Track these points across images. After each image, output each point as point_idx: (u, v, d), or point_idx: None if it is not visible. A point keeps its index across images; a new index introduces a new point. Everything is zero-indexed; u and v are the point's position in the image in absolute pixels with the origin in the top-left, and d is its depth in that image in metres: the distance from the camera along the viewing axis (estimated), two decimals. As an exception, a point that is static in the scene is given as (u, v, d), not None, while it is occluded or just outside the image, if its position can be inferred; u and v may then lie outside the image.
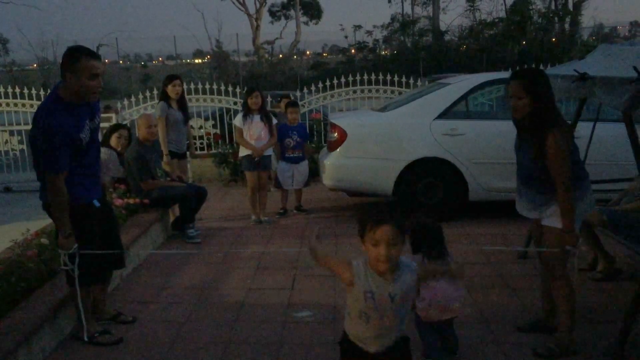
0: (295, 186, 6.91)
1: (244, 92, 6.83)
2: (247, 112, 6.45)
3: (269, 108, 8.03)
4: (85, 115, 3.39)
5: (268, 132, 6.49)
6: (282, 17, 33.66)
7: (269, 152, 6.57)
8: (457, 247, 5.41)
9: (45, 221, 4.78)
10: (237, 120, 6.58)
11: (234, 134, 7.37)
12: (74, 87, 3.25)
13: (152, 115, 6.11)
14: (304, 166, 6.93)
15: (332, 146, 6.46)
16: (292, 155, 6.81)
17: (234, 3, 30.81)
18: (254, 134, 6.42)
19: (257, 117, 6.43)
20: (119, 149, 6.08)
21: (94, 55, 3.29)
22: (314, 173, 7.71)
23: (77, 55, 3.23)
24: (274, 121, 6.63)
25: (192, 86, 9.34)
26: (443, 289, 3.14)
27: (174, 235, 6.13)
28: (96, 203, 3.60)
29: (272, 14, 33.47)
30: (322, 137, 9.37)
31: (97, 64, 3.28)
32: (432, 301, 3.15)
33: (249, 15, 30.49)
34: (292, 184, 6.87)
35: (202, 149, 9.49)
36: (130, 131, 6.37)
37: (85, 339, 3.61)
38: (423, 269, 2.55)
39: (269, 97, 9.40)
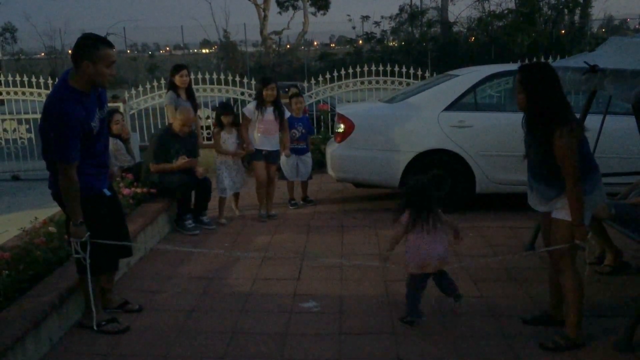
0: (300, 178, 6.86)
1: (259, 81, 6.55)
2: (260, 103, 6.17)
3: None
4: (95, 104, 3.41)
5: (278, 127, 6.30)
6: (290, 8, 33.44)
7: (277, 146, 6.38)
8: (464, 239, 5.40)
9: (53, 209, 4.80)
10: (247, 110, 6.25)
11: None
12: (91, 75, 3.28)
13: (190, 113, 5.96)
14: (308, 158, 6.90)
15: (340, 137, 6.45)
16: (297, 146, 6.75)
17: (241, -7, 30.68)
18: (261, 126, 6.19)
19: (269, 110, 6.16)
20: (123, 135, 6.10)
21: (110, 44, 3.37)
22: (321, 164, 7.70)
23: (96, 44, 3.28)
24: (287, 114, 6.45)
25: (200, 76, 9.33)
26: (423, 245, 3.50)
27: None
28: (107, 192, 3.62)
29: (280, 4, 33.25)
30: (330, 128, 9.35)
31: (114, 53, 3.38)
32: (414, 256, 3.53)
33: (256, 5, 30.34)
34: (296, 176, 6.84)
35: (208, 139, 9.48)
36: (122, 113, 6.43)
37: (95, 327, 3.64)
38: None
39: None
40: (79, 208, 3.37)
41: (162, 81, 9.28)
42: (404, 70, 9.55)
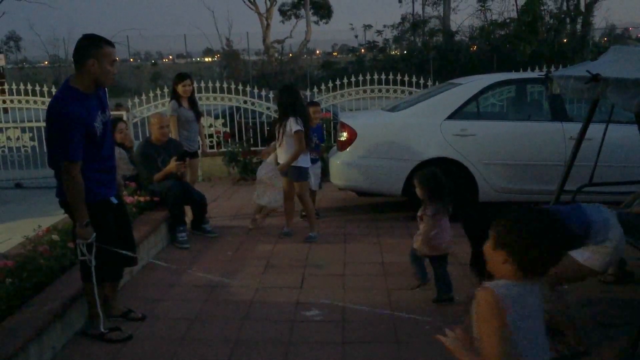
0: (312, 188, 6.75)
1: None
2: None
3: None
4: (97, 105, 3.45)
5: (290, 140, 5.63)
6: (292, 17, 33.63)
7: (301, 162, 5.70)
8: (464, 248, 5.39)
9: (57, 217, 4.82)
10: None
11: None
12: (95, 73, 3.35)
13: (164, 115, 6.10)
14: (319, 168, 6.75)
15: (342, 146, 6.46)
16: (312, 157, 6.18)
17: (244, 2, 30.81)
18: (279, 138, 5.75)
19: (285, 122, 5.64)
20: (126, 143, 6.12)
21: (111, 42, 3.47)
22: (324, 173, 7.69)
23: (99, 42, 3.37)
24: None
25: (202, 84, 9.36)
26: (448, 227, 4.14)
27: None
28: (114, 200, 3.63)
29: (283, 13, 33.45)
30: (332, 137, 9.36)
31: (115, 51, 3.47)
32: (446, 236, 4.09)
33: (259, 14, 30.46)
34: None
35: (211, 147, 9.49)
36: (126, 122, 6.46)
37: (102, 329, 3.64)
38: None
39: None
40: (84, 208, 3.38)
41: (165, 89, 9.30)
42: (406, 79, 9.56)
